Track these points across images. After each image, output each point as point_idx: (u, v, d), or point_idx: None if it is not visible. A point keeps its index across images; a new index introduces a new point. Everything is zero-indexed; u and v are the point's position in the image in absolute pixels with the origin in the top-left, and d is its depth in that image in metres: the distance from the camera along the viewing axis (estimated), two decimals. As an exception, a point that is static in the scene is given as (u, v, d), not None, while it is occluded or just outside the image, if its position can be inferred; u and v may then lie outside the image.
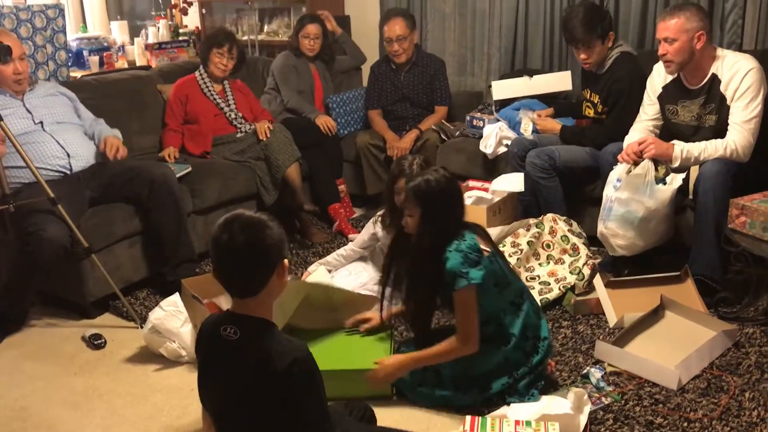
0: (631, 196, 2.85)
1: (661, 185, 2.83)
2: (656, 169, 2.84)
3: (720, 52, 2.90)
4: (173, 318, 2.63)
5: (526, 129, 3.69)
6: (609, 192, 2.93)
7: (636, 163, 2.87)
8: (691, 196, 2.89)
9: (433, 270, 2.16)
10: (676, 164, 2.85)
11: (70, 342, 2.85)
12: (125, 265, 3.13)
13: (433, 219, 2.16)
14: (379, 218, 2.96)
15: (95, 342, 2.79)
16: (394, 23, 3.97)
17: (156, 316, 2.65)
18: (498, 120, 3.79)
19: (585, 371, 2.41)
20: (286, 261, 1.62)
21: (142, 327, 2.81)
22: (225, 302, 2.57)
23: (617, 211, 2.89)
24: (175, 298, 2.69)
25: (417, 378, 2.26)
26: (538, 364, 2.26)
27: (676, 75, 2.97)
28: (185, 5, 5.65)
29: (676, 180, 2.84)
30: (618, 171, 2.92)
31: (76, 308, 3.05)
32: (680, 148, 2.85)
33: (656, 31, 2.93)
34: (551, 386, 2.34)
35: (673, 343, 2.53)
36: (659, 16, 2.98)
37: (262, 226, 1.57)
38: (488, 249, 2.21)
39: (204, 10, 5.55)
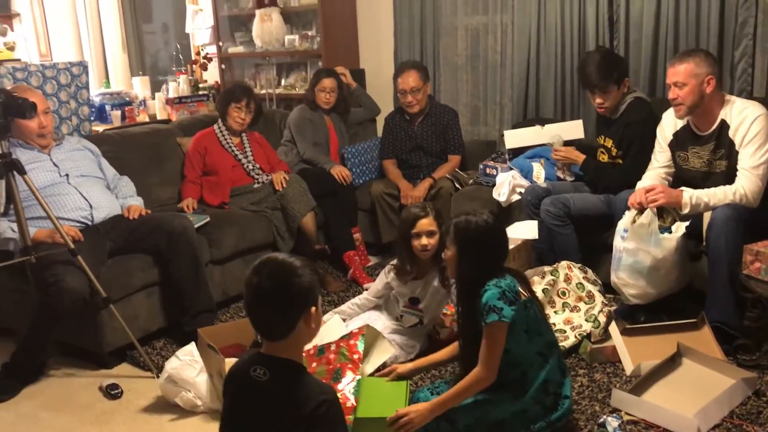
0: (637, 246, 2.87)
1: (666, 234, 2.85)
2: (661, 218, 2.87)
3: (728, 98, 2.94)
4: (189, 368, 2.65)
5: (539, 177, 3.72)
6: (617, 242, 2.96)
7: (641, 211, 2.88)
8: (705, 243, 2.89)
9: (474, 307, 2.18)
10: (685, 211, 2.86)
11: (87, 392, 2.87)
12: (143, 315, 3.17)
13: (466, 259, 2.20)
14: (393, 268, 2.98)
15: (112, 392, 2.81)
16: (407, 75, 4.06)
17: (172, 365, 2.67)
18: (511, 168, 3.83)
19: (602, 420, 2.38)
20: (313, 309, 1.65)
21: (158, 377, 2.83)
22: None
23: (626, 261, 2.91)
24: (191, 347, 2.71)
25: (431, 429, 2.25)
26: (557, 420, 2.24)
27: (686, 122, 3.01)
28: (205, 61, 5.81)
29: (680, 228, 2.84)
30: (624, 221, 2.94)
31: (94, 358, 3.08)
32: (689, 195, 2.86)
33: (666, 77, 2.99)
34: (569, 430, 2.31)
35: (691, 391, 2.49)
36: (669, 61, 3.04)
37: (292, 273, 1.62)
38: (526, 294, 2.23)
39: (223, 66, 5.71)
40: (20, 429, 2.63)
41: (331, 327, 2.99)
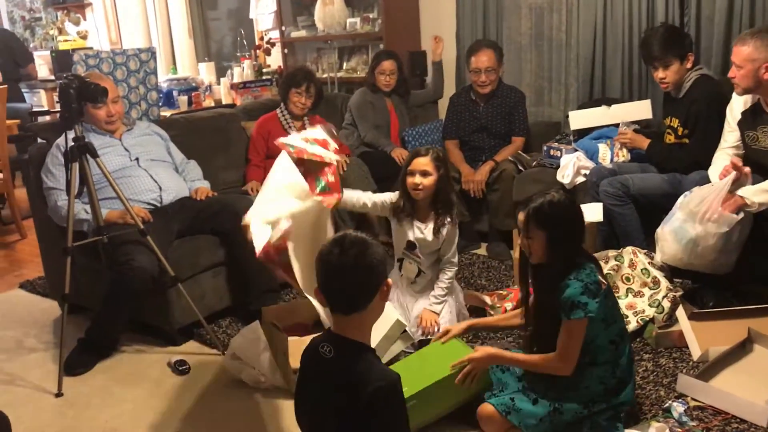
0: (686, 217, 2.81)
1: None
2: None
3: None
4: (253, 345, 2.71)
5: (605, 158, 3.64)
6: (681, 198, 2.89)
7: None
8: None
9: (555, 290, 2.14)
10: (755, 210, 2.76)
11: (156, 367, 2.97)
12: (209, 294, 3.25)
13: (558, 241, 2.14)
14: (391, 205, 2.95)
15: (180, 368, 2.90)
16: (483, 54, 4.01)
17: (237, 343, 2.74)
18: (576, 150, 3.76)
19: (667, 405, 2.33)
20: (390, 281, 1.71)
21: (224, 354, 2.91)
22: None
23: (675, 222, 2.85)
24: (256, 326, 2.78)
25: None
26: (619, 405, 2.20)
27: (756, 99, 2.90)
28: (268, 46, 5.89)
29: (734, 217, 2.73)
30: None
31: (163, 335, 3.18)
32: (749, 198, 2.74)
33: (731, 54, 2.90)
34: (632, 420, 2.27)
35: (762, 377, 2.42)
36: (735, 38, 2.93)
37: (369, 243, 1.68)
38: (605, 282, 2.19)
39: (286, 50, 5.77)
40: (94, 401, 2.75)
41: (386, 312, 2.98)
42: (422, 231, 2.91)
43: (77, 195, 2.85)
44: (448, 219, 2.89)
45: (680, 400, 2.36)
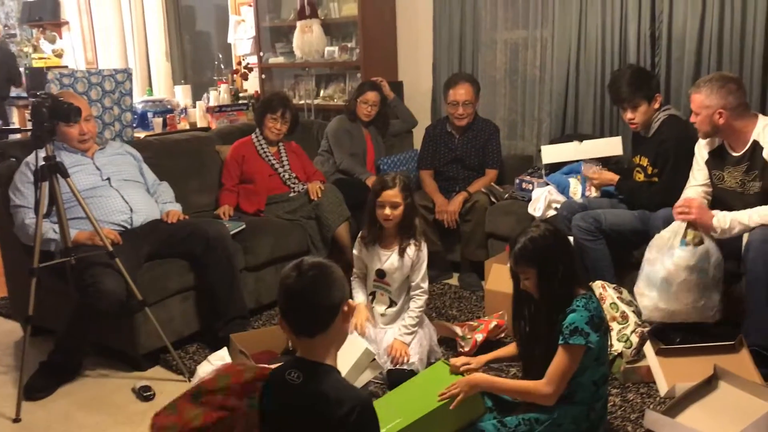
0: (656, 256, 2.85)
1: (681, 248, 2.79)
2: (686, 233, 2.81)
3: (762, 119, 2.88)
4: (220, 372, 2.67)
5: (576, 193, 3.69)
6: (646, 251, 2.93)
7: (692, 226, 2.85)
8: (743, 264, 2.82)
9: (555, 323, 2.14)
10: (717, 236, 2.81)
11: (120, 393, 2.91)
12: (177, 319, 3.21)
13: (550, 276, 2.14)
14: (360, 237, 3.04)
15: (144, 394, 2.85)
16: (461, 87, 4.06)
17: (204, 369, 2.70)
18: (547, 184, 3.80)
19: (634, 441, 2.34)
20: (351, 302, 1.73)
21: (190, 380, 2.86)
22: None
23: (645, 269, 2.89)
24: (224, 352, 2.74)
25: None
26: None
27: (721, 141, 2.98)
28: (246, 71, 5.90)
29: (700, 248, 2.77)
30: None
31: (128, 360, 3.13)
32: (718, 219, 2.80)
33: None
34: (599, 455, 2.27)
35: (728, 415, 2.43)
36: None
37: (327, 266, 1.71)
38: (607, 321, 2.20)
39: (263, 75, 5.78)
40: (54, 426, 2.68)
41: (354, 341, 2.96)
42: (389, 257, 2.94)
43: (46, 215, 2.81)
44: (413, 241, 2.95)
45: (647, 435, 2.37)
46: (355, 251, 3.06)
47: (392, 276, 2.95)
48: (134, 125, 4.23)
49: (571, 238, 3.30)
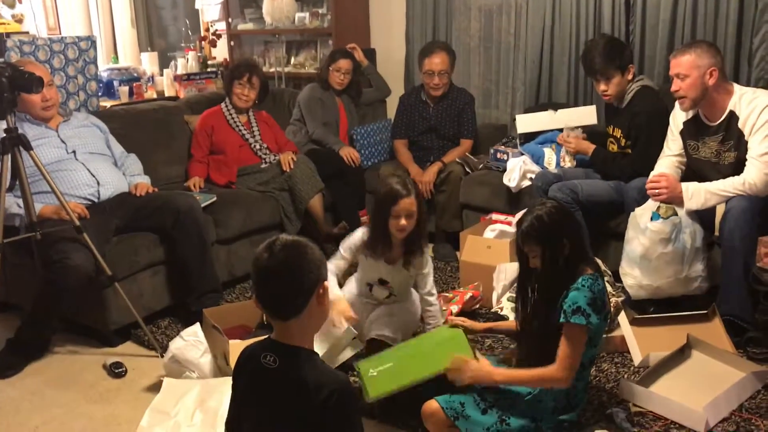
0: (633, 234, 2.88)
1: (653, 222, 2.80)
2: (659, 207, 2.83)
3: (738, 89, 2.88)
4: (193, 348, 2.63)
5: (550, 163, 3.67)
6: (626, 231, 2.95)
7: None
8: (717, 233, 2.84)
9: (555, 300, 2.12)
10: (689, 206, 2.82)
11: (90, 370, 2.86)
12: (148, 293, 3.15)
13: (555, 253, 2.12)
14: (364, 246, 2.72)
15: (116, 370, 2.80)
16: (436, 56, 4.00)
17: (176, 345, 2.66)
18: (522, 154, 3.78)
19: (609, 411, 2.35)
20: (326, 283, 1.63)
21: (162, 356, 2.82)
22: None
23: (626, 249, 2.93)
24: (196, 328, 2.70)
25: None
26: (562, 422, 2.20)
27: (696, 111, 2.96)
28: (214, 38, 5.76)
29: (673, 218, 2.80)
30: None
31: (98, 336, 3.07)
32: (690, 190, 2.82)
33: (669, 68, 2.94)
34: (575, 427, 2.28)
35: (701, 383, 2.47)
36: (671, 54, 2.98)
37: (303, 245, 1.61)
38: (609, 305, 2.18)
39: (232, 43, 5.65)
40: (24, 405, 2.63)
41: None
42: (391, 270, 2.73)
43: (9, 189, 2.73)
44: (419, 251, 2.71)
45: (622, 405, 2.39)
46: (347, 254, 2.75)
47: (395, 282, 2.78)
48: (99, 94, 4.11)
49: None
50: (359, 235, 2.74)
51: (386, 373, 2.29)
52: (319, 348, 2.39)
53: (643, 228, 2.84)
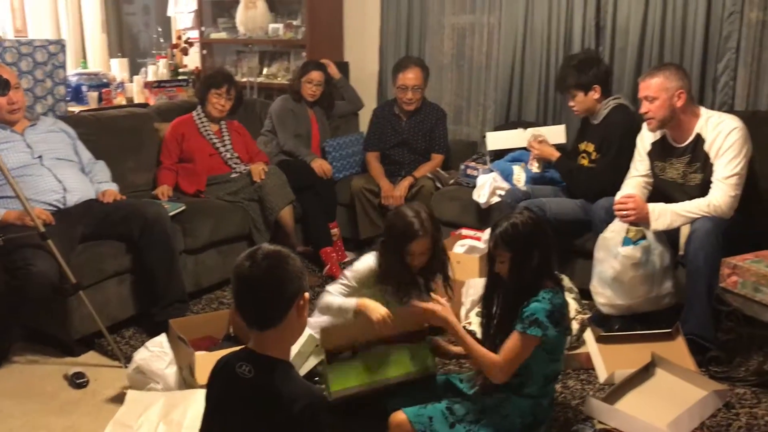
0: (603, 256, 2.94)
1: (625, 247, 2.87)
2: (627, 231, 2.89)
3: (704, 112, 2.95)
4: (158, 359, 2.59)
5: (519, 180, 3.71)
6: (595, 250, 3.00)
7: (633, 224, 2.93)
8: (682, 252, 2.90)
9: (517, 312, 2.13)
10: (656, 227, 2.88)
11: (51, 380, 2.80)
12: (113, 302, 3.10)
13: (523, 261, 2.14)
14: (379, 279, 2.58)
15: (78, 381, 2.74)
16: (410, 72, 4.03)
17: (141, 356, 2.61)
18: (492, 170, 3.82)
19: (575, 428, 2.37)
20: (306, 295, 1.63)
21: (126, 367, 2.76)
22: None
23: (596, 269, 2.98)
24: (162, 338, 2.66)
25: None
26: None
27: (663, 133, 3.03)
28: (186, 45, 5.71)
29: (643, 243, 2.86)
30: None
31: (60, 345, 3.01)
32: (657, 211, 2.88)
33: (638, 91, 3.00)
34: (540, 442, 2.30)
35: (664, 401, 2.50)
36: (641, 76, 3.06)
37: (284, 256, 1.60)
38: (569, 320, 2.22)
39: (205, 51, 5.61)
40: (-20, 416, 2.56)
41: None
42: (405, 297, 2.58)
43: (-29, 193, 2.66)
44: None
45: (587, 422, 2.41)
46: (353, 283, 2.60)
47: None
48: (68, 99, 4.05)
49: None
50: (369, 264, 2.60)
51: (350, 368, 2.29)
52: None
53: (614, 253, 2.89)
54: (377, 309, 2.37)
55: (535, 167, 3.65)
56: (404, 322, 2.35)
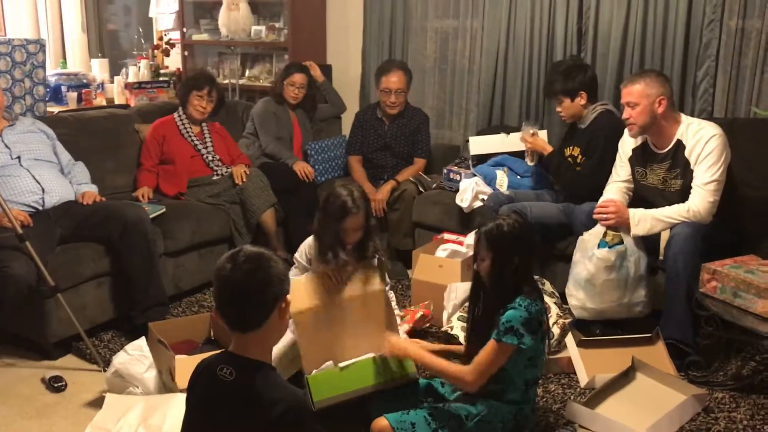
0: (579, 258, 2.96)
1: (600, 250, 2.89)
2: (605, 234, 2.91)
3: (685, 119, 2.99)
4: (138, 363, 2.56)
5: (502, 185, 3.73)
6: (574, 253, 3.02)
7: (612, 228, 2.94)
8: (661, 257, 2.92)
9: (495, 314, 2.15)
10: (636, 234, 2.90)
11: (28, 384, 2.76)
12: (91, 305, 3.06)
13: (504, 264, 2.16)
14: (315, 257, 2.71)
15: (55, 384, 2.71)
16: (394, 75, 4.04)
17: (120, 360, 2.58)
18: (474, 175, 3.82)
19: (555, 432, 2.38)
20: (288, 298, 1.63)
21: (105, 370, 2.73)
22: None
23: (572, 270, 3.01)
24: (141, 342, 2.63)
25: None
26: None
27: (644, 139, 3.06)
28: (168, 47, 5.68)
29: (619, 247, 2.88)
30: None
31: (37, 348, 2.97)
32: (637, 216, 2.90)
33: (621, 97, 3.04)
34: (521, 447, 2.30)
35: (644, 406, 2.52)
36: (623, 82, 3.09)
37: (267, 258, 1.61)
38: (547, 326, 2.23)
39: (186, 53, 5.57)
40: (-45, 420, 2.52)
41: None
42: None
43: (-53, 193, 2.62)
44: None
45: (568, 426, 2.42)
46: (303, 261, 2.85)
47: None
48: (47, 99, 4.00)
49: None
50: (310, 242, 2.80)
51: (331, 376, 2.31)
52: None
53: (589, 254, 2.91)
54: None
55: (529, 160, 3.67)
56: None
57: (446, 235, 3.62)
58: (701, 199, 2.83)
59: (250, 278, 1.56)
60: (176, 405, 2.30)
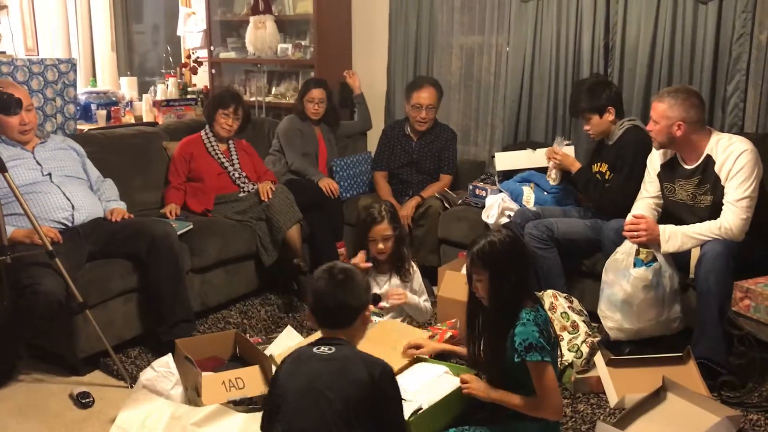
0: (614, 278, 2.90)
1: (636, 269, 2.84)
2: (638, 252, 2.86)
3: (715, 134, 2.94)
4: (164, 380, 2.58)
5: (529, 201, 3.70)
6: (603, 273, 2.98)
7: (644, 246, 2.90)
8: (692, 275, 2.87)
9: (507, 328, 2.15)
10: (666, 249, 2.85)
11: (57, 399, 2.78)
12: (119, 321, 3.08)
13: (501, 280, 2.15)
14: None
15: (83, 400, 2.72)
16: (425, 91, 4.05)
17: (147, 376, 2.60)
18: (501, 191, 3.80)
19: (585, 453, 2.34)
20: (371, 306, 2.04)
21: (132, 387, 2.75)
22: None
23: (605, 292, 2.95)
24: (168, 359, 2.64)
25: None
26: None
27: (673, 154, 3.02)
28: (195, 65, 5.75)
29: (654, 265, 2.84)
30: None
31: (66, 364, 2.99)
32: (667, 232, 2.86)
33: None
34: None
35: (675, 427, 2.46)
36: (655, 94, 3.07)
37: (355, 272, 2.00)
38: (555, 333, 2.24)
39: (213, 70, 5.64)
40: (-15, 435, 2.54)
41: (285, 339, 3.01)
42: (387, 282, 3.07)
43: (-20, 211, 2.66)
44: (406, 265, 3.14)
45: (598, 448, 2.38)
46: None
47: (388, 304, 3.04)
48: (77, 117, 4.06)
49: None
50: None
51: (426, 415, 2.28)
52: None
53: (625, 275, 2.86)
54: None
55: (552, 179, 3.64)
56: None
57: (472, 252, 3.59)
58: (734, 216, 2.78)
59: (345, 287, 1.93)
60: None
